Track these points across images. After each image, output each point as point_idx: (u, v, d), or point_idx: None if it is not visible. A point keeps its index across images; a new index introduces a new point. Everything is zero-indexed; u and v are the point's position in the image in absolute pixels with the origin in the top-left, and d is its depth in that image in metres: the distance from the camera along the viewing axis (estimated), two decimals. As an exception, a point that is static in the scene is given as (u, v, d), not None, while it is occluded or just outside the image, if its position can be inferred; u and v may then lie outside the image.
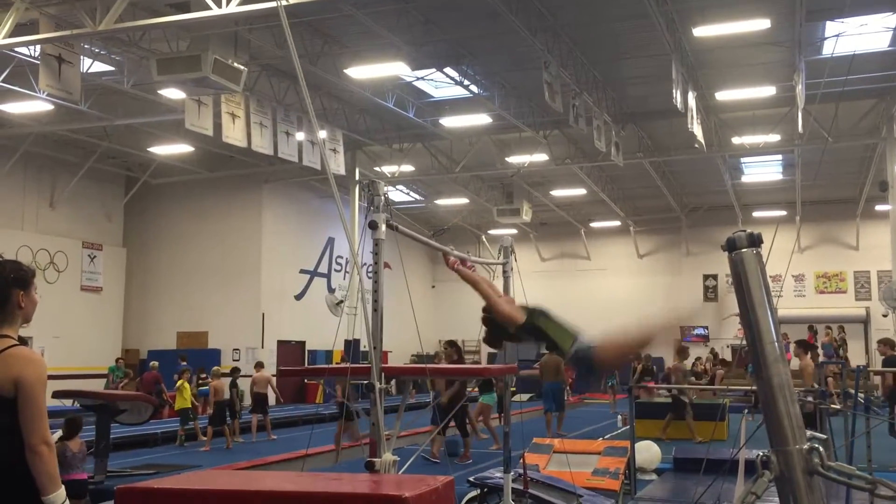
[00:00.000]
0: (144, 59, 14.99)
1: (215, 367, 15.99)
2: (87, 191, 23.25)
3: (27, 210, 21.83)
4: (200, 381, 17.18)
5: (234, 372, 15.89)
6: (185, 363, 18.98)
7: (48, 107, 17.31)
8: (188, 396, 15.10)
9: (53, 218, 22.47)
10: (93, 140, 21.10)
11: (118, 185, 24.85)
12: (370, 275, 4.88)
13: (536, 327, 4.20)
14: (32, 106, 17.25)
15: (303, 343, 25.61)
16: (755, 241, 2.58)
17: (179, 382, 15.24)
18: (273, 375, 17.35)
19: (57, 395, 10.89)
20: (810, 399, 11.21)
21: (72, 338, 21.73)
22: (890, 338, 13.49)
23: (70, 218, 22.91)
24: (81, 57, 14.50)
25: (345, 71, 16.63)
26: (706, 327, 29.80)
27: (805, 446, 2.41)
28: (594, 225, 32.25)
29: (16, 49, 14.53)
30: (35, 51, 14.45)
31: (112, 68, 16.49)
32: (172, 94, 16.33)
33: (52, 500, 3.01)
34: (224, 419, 14.51)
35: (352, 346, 19.13)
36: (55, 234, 22.37)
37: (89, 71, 15.84)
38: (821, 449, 2.40)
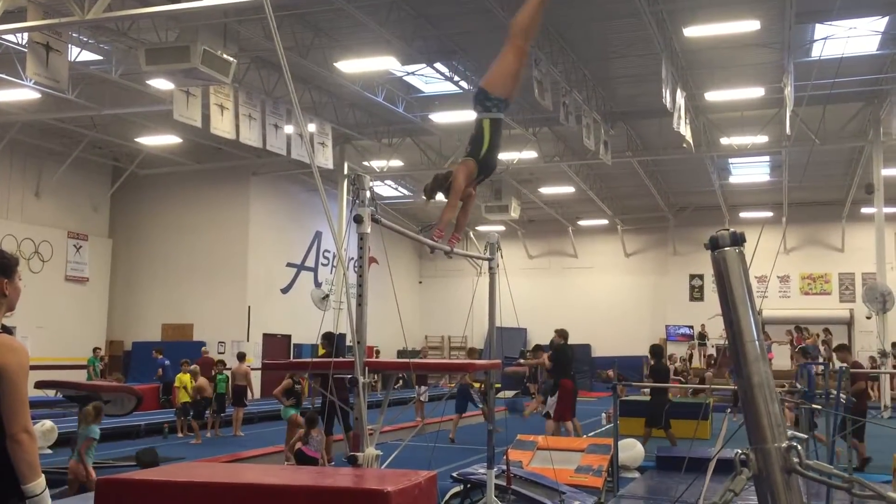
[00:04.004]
0: (133, 48, 14.89)
1: (194, 367, 15.86)
2: (74, 180, 23.11)
3: (12, 199, 21.67)
4: (218, 372, 16.76)
5: (220, 364, 15.79)
6: (161, 356, 18.88)
7: (35, 95, 17.18)
8: (189, 390, 14.92)
9: (39, 207, 22.33)
10: (80, 129, 20.96)
11: (105, 175, 24.70)
12: (356, 269, 4.88)
13: (483, 160, 5.39)
14: (19, 94, 17.13)
15: (289, 336, 25.56)
16: (738, 239, 2.60)
17: (180, 376, 15.13)
18: (255, 369, 17.23)
19: (40, 385, 10.84)
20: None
21: (56, 328, 21.62)
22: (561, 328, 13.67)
23: (56, 207, 22.77)
24: (69, 45, 14.39)
25: (335, 64, 16.59)
26: (691, 327, 29.94)
27: (784, 444, 2.43)
28: (582, 223, 32.32)
29: (3, 36, 14.41)
30: (22, 38, 14.32)
31: (100, 57, 16.38)
32: (161, 84, 16.23)
33: (32, 488, 3.00)
34: (199, 413, 14.50)
35: (336, 339, 19.07)
36: (40, 224, 22.22)
37: (77, 60, 15.73)
38: (799, 447, 2.42)
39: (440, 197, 5.45)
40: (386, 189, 28.78)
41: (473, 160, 5.33)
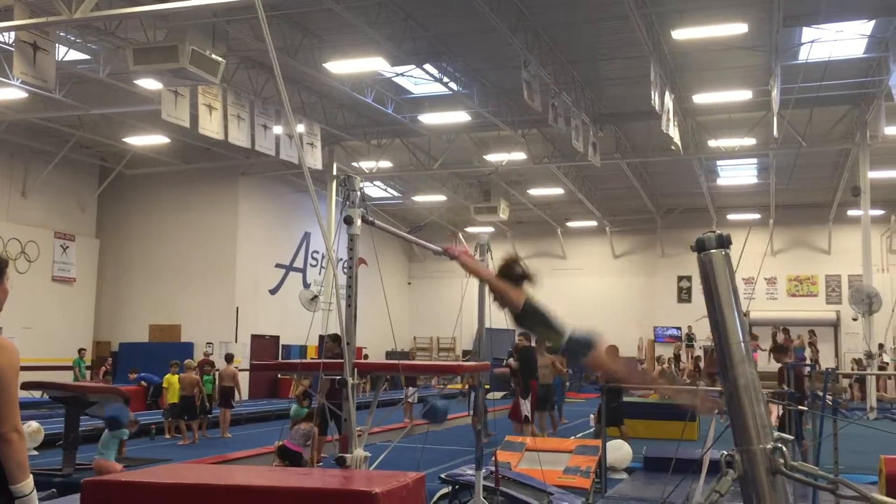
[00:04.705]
0: (121, 48, 14.83)
1: (187, 361, 15.85)
2: (61, 180, 22.97)
3: (-1, 199, 21.56)
4: (205, 372, 16.63)
5: (208, 366, 15.69)
6: (135, 375, 18.78)
7: (22, 94, 17.08)
8: (177, 391, 14.82)
9: (25, 207, 22.19)
10: (67, 129, 20.85)
11: (92, 175, 24.57)
12: (346, 270, 4.88)
13: (532, 312, 4.29)
14: (6, 93, 17.01)
15: (277, 337, 25.51)
16: (724, 242, 2.62)
17: (168, 377, 15.05)
18: (243, 370, 17.12)
19: (26, 386, 10.78)
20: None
21: (42, 329, 21.47)
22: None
23: (42, 207, 22.64)
24: (56, 45, 14.32)
25: (324, 65, 16.57)
26: (679, 328, 30.04)
27: (769, 446, 2.44)
28: (570, 224, 32.38)
29: (-10, 35, 14.34)
30: (9, 37, 14.24)
31: (88, 57, 16.29)
32: (149, 84, 16.16)
33: (21, 488, 2.98)
34: (194, 413, 14.42)
35: (325, 341, 19.08)
36: (27, 224, 22.08)
37: (64, 59, 15.64)
38: (784, 449, 2.44)
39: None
40: (375, 190, 28.76)
41: (523, 310, 4.34)
